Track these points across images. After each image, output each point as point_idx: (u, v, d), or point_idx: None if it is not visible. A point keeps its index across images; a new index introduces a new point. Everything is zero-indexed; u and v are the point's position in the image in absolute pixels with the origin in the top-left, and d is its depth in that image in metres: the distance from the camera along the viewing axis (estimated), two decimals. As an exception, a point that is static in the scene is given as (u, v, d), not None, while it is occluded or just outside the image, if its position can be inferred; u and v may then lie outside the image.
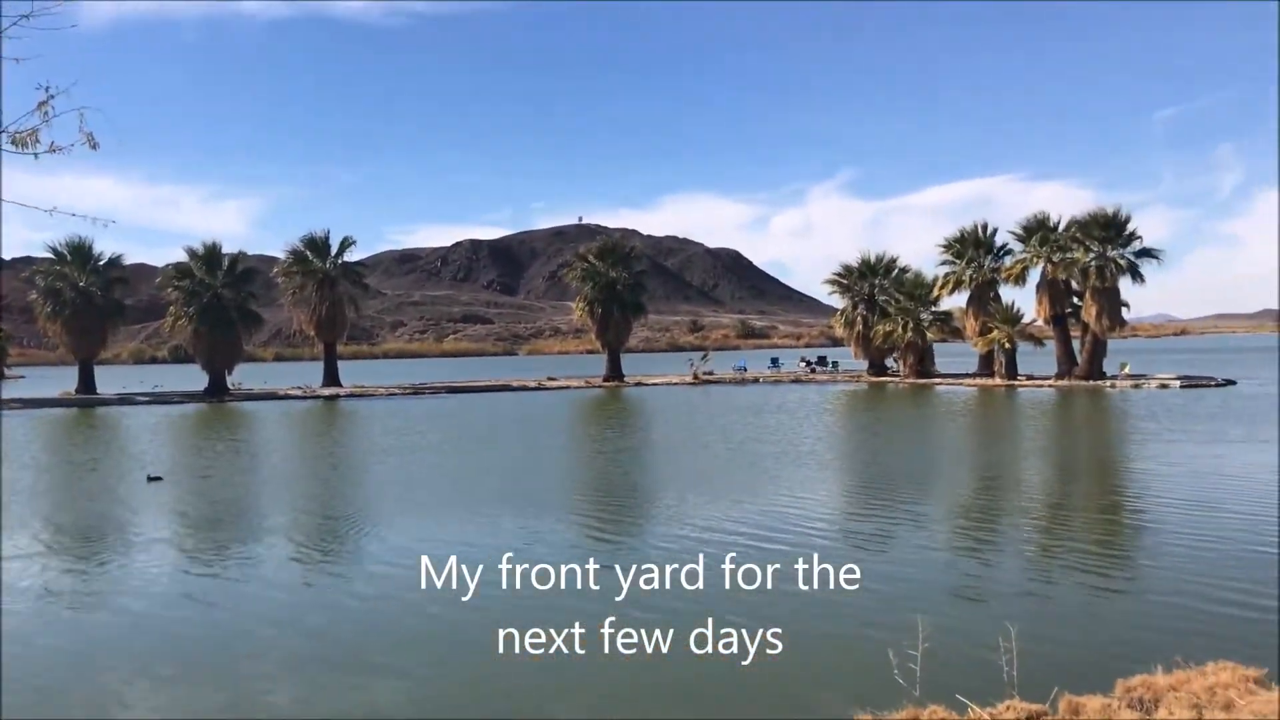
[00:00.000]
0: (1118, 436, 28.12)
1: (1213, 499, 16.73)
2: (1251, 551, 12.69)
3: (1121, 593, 11.11)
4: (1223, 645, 8.35)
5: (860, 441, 28.39)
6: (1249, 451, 22.95)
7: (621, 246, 64.54)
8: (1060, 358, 52.76)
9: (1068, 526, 15.22)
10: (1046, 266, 52.18)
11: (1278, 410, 33.17)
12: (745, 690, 8.28)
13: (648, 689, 8.46)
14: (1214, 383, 48.44)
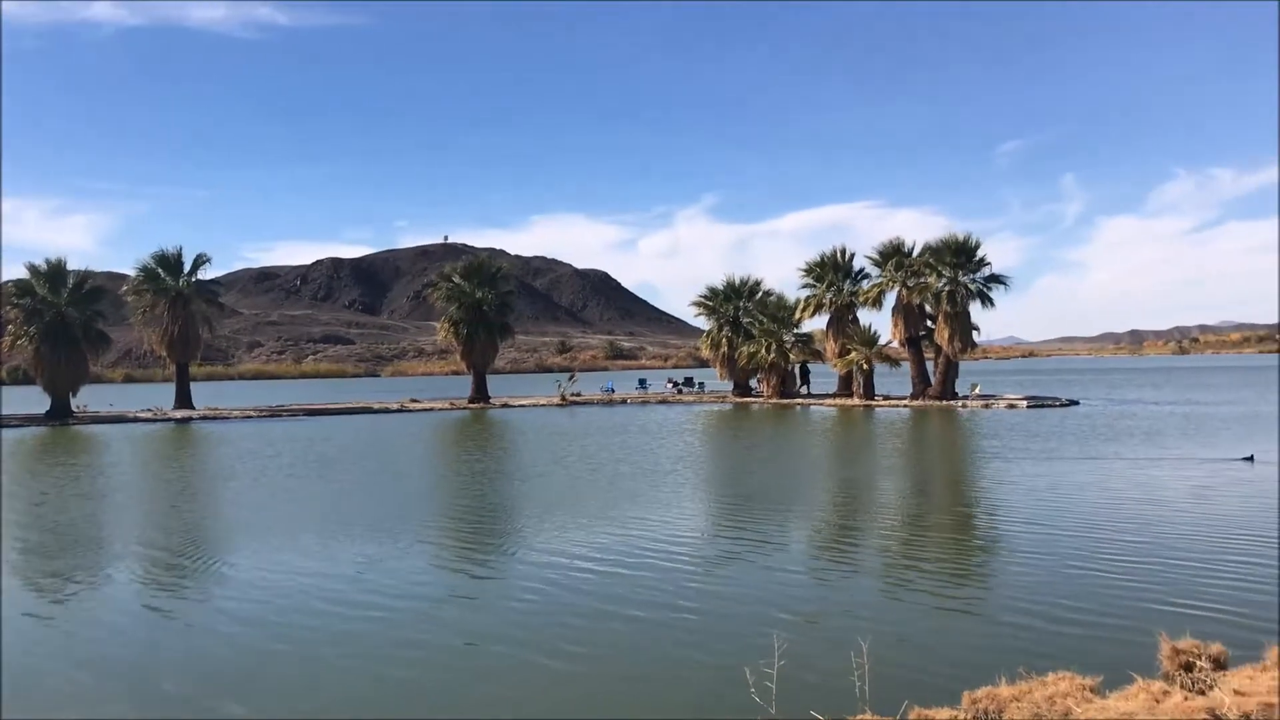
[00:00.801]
0: (967, 455, 29.11)
1: (1051, 516, 17.44)
2: (1085, 567, 13.22)
3: (969, 608, 11.43)
4: (1063, 656, 8.65)
5: (722, 461, 28.69)
6: (1083, 469, 24.04)
7: (488, 266, 64.04)
8: (915, 378, 54.52)
9: (920, 544, 15.61)
10: (902, 291, 53.95)
11: (1116, 427, 35.01)
12: (605, 713, 8.19)
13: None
14: (1058, 403, 50.78)
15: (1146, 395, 58.60)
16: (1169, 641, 8.17)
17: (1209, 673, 7.67)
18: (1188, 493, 19.79)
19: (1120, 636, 9.66)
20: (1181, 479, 21.77)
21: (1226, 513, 17.26)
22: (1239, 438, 30.31)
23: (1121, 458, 25.98)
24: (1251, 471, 22.57)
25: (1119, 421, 38.52)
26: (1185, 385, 71.47)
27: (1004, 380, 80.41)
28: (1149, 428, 35.17)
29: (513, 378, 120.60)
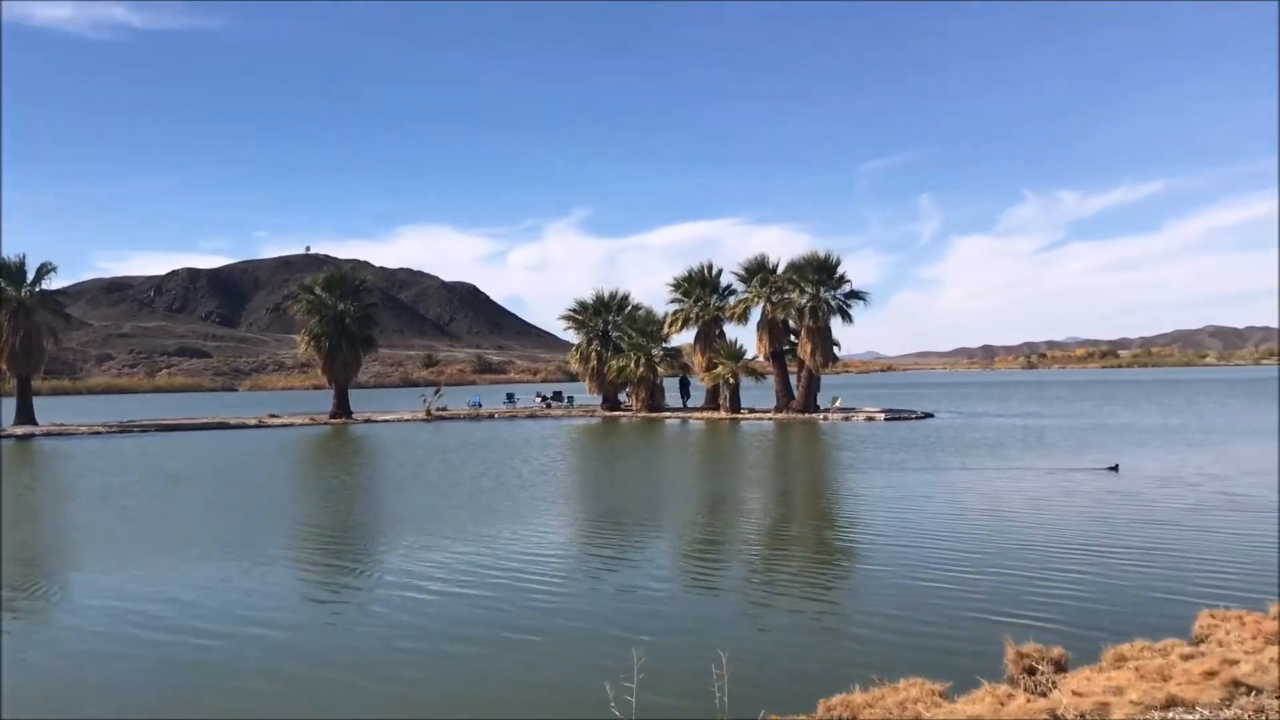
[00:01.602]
0: (827, 466, 29.81)
1: (906, 526, 17.98)
2: (937, 576, 13.66)
3: (827, 619, 11.67)
4: (915, 663, 8.90)
5: (586, 475, 28.68)
6: (936, 480, 24.87)
7: (351, 278, 62.66)
8: (779, 392, 55.64)
9: (779, 556, 15.88)
10: (766, 306, 55.09)
11: (963, 439, 36.38)
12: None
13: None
14: (914, 415, 52.42)
15: (994, 409, 61.10)
16: (1013, 646, 8.50)
17: (1050, 675, 8.01)
18: (1031, 502, 20.62)
19: (969, 643, 9.97)
20: (1034, 489, 22.69)
21: (1069, 522, 18.04)
22: (1074, 449, 31.89)
23: (979, 468, 26.96)
24: (1103, 481, 23.66)
25: (967, 434, 40.02)
26: (1030, 399, 74.79)
27: (864, 394, 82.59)
28: (994, 439, 36.62)
29: (377, 392, 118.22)
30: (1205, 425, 42.14)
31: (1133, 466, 26.09)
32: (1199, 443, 33.56)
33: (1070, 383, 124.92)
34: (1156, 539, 15.85)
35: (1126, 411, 54.41)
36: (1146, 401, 66.12)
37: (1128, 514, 18.47)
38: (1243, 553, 14.62)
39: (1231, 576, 12.92)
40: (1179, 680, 7.43)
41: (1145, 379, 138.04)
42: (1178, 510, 18.79)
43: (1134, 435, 37.31)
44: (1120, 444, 33.26)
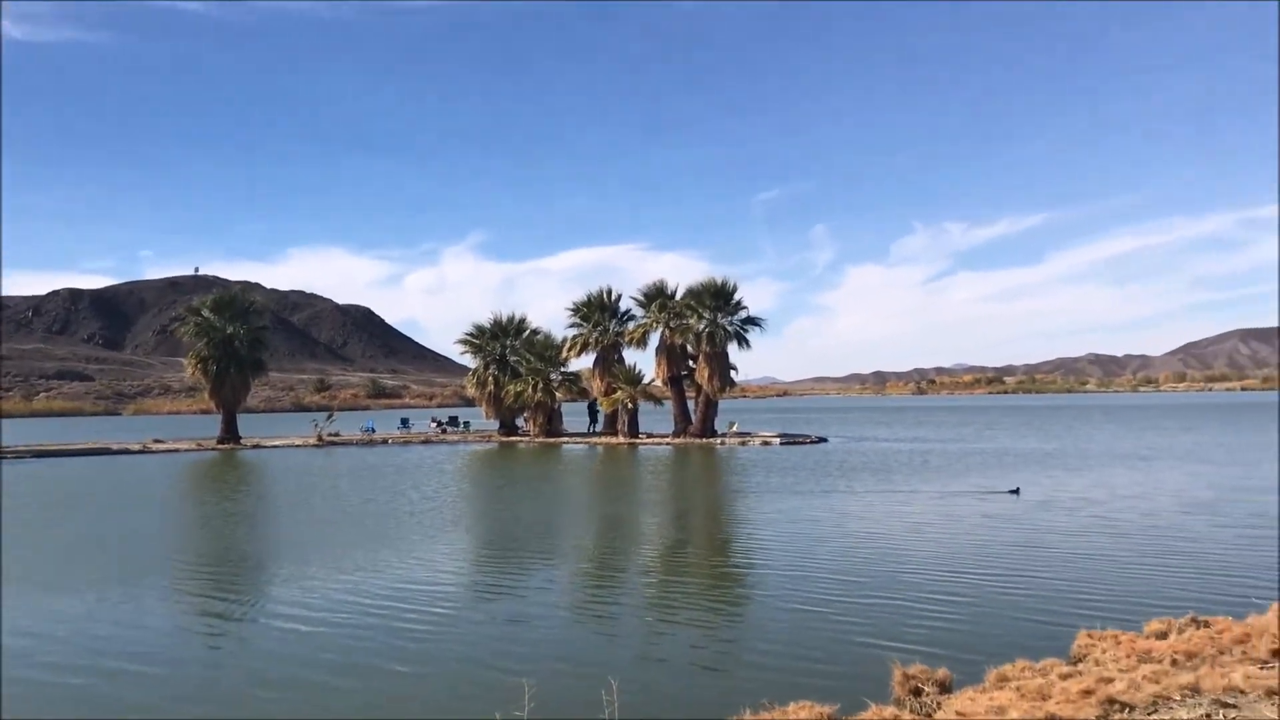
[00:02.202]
0: (723, 491, 30.00)
1: (800, 549, 18.23)
2: (830, 599, 13.87)
3: (719, 644, 11.72)
4: (806, 687, 8.98)
5: (480, 501, 28.35)
6: (830, 503, 25.27)
7: (241, 300, 61.07)
8: (677, 416, 55.95)
9: (673, 582, 15.92)
10: (665, 331, 55.38)
11: (853, 463, 37.06)
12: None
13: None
14: (809, 440, 53.27)
15: (884, 433, 62.39)
16: (900, 668, 8.66)
17: (935, 696, 8.18)
18: (917, 526, 21.09)
19: (858, 666, 10.10)
20: (921, 513, 23.19)
21: (953, 545, 18.49)
22: (957, 474, 32.78)
23: (879, 491, 27.46)
24: (986, 505, 24.30)
25: (855, 458, 40.85)
26: (917, 424, 76.63)
27: (760, 418, 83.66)
28: (880, 464, 37.41)
29: (267, 417, 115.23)
30: (1080, 450, 43.73)
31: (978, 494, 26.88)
32: (1075, 467, 34.76)
33: (957, 408, 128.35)
34: (1037, 561, 16.33)
35: (1007, 437, 56.16)
36: (1026, 427, 68.37)
37: (1008, 537, 19.01)
38: (1118, 574, 15.15)
39: (1108, 597, 13.37)
40: (1058, 699, 7.65)
41: (1028, 405, 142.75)
42: (1056, 533, 19.40)
43: (1012, 460, 38.50)
44: (999, 468, 34.29)
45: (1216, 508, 22.69)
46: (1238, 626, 10.00)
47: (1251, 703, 7.63)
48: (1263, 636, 9.51)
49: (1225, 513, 21.83)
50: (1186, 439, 51.12)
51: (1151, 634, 9.92)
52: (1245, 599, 12.31)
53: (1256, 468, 33.09)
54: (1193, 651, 9.09)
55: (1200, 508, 22.76)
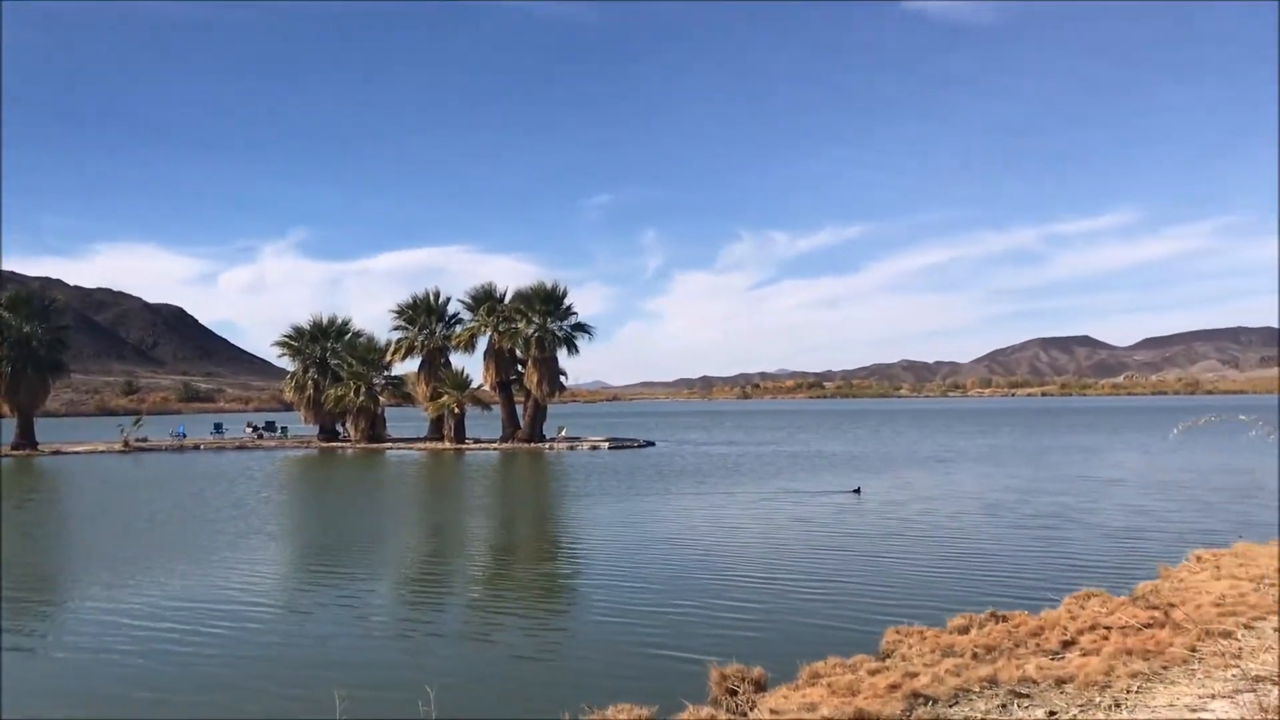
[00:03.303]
0: (550, 495, 29.96)
1: (623, 553, 18.36)
2: (653, 603, 13.99)
3: (542, 649, 11.66)
4: (627, 690, 8.99)
5: (300, 509, 27.44)
6: (655, 506, 25.55)
7: (39, 297, 57.41)
8: (505, 421, 55.56)
9: (497, 587, 15.77)
10: (494, 336, 54.91)
11: (675, 466, 37.65)
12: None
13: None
14: (637, 444, 53.79)
15: (705, 437, 63.75)
16: (717, 669, 8.77)
17: (750, 695, 8.31)
18: (736, 530, 21.55)
19: (678, 667, 10.20)
20: (741, 516, 23.68)
21: (770, 546, 18.96)
22: (768, 475, 33.73)
23: (693, 494, 27.88)
24: (799, 508, 24.99)
25: (676, 461, 41.68)
26: (737, 428, 78.59)
27: (590, 423, 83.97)
28: (700, 468, 38.21)
29: (69, 421, 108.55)
30: (885, 453, 45.69)
31: (822, 493, 27.81)
32: (878, 469, 36.28)
33: (777, 413, 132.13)
34: (848, 562, 16.87)
35: (820, 440, 58.20)
36: (837, 431, 71.05)
37: (821, 540, 19.55)
38: (924, 572, 15.82)
39: (915, 595, 13.91)
40: (866, 694, 7.90)
41: (844, 409, 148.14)
42: (865, 534, 20.10)
43: (822, 462, 39.92)
44: (808, 471, 35.44)
45: (1011, 508, 23.98)
46: (1033, 620, 10.56)
47: (1043, 691, 8.06)
48: (1054, 629, 10.08)
49: (1020, 512, 23.09)
50: (983, 443, 54.08)
51: (954, 629, 10.36)
52: (1040, 594, 13.03)
53: (1047, 470, 35.23)
54: (992, 645, 9.54)
55: (996, 508, 24.00)
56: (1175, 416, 5.95)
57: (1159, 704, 7.57)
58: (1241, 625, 9.99)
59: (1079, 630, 9.94)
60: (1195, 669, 8.52)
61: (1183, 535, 18.49)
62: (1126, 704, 7.62)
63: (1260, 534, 16.39)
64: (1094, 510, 23.19)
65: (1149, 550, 16.91)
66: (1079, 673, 8.34)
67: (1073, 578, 14.28)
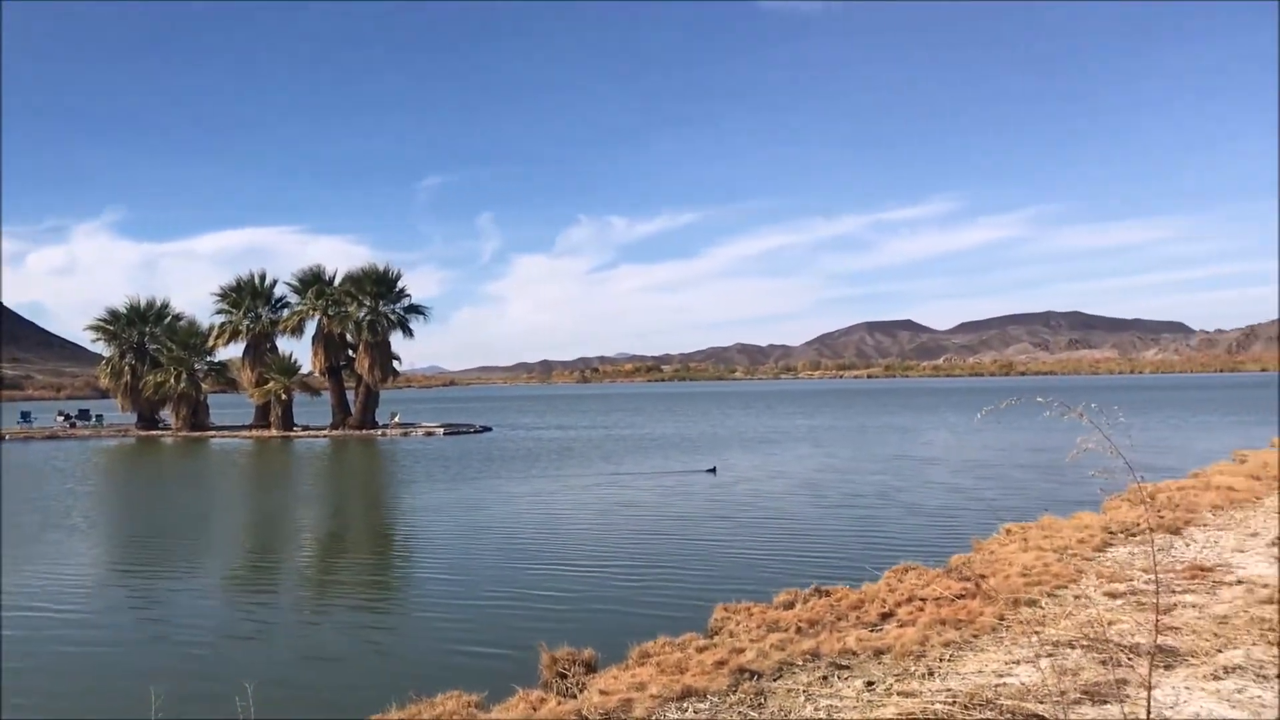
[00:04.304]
0: (381, 483, 29.39)
1: (454, 540, 18.19)
2: (483, 589, 13.89)
3: (369, 640, 11.41)
4: (457, 677, 8.88)
5: (112, 501, 26.11)
6: (491, 492, 25.38)
7: None
8: (335, 408, 54.18)
9: (328, 577, 15.39)
10: (323, 319, 53.39)
11: (511, 451, 37.50)
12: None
13: None
14: (473, 429, 53.26)
15: (540, 421, 63.78)
16: (547, 652, 8.77)
17: (581, 677, 8.34)
18: (569, 513, 21.62)
19: (511, 652, 10.13)
20: (574, 500, 23.75)
21: (600, 529, 19.10)
22: (601, 458, 34.02)
23: (527, 479, 27.80)
24: (626, 492, 25.22)
25: (512, 446, 41.55)
26: (574, 412, 78.91)
27: (425, 408, 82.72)
28: (534, 452, 38.25)
29: None
30: (713, 435, 46.69)
31: (653, 476, 28.21)
32: (706, 450, 37.04)
33: (615, 396, 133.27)
34: (680, 543, 17.10)
35: (652, 423, 59.01)
36: (670, 414, 72.16)
37: (651, 522, 19.79)
38: (753, 550, 16.20)
39: (744, 572, 14.24)
40: (694, 672, 8.02)
41: (680, 392, 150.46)
42: (696, 515, 20.45)
43: (653, 445, 40.47)
44: (641, 454, 35.89)
45: (833, 487, 24.81)
46: (854, 594, 10.93)
47: (862, 662, 8.36)
48: (874, 602, 10.47)
49: (841, 491, 23.91)
50: (806, 424, 55.90)
51: (781, 604, 10.64)
52: (862, 569, 13.50)
53: (865, 449, 36.63)
54: (815, 619, 9.84)
55: (819, 487, 24.80)
56: (987, 397, 6.34)
57: (968, 670, 7.94)
58: (1045, 594, 10.57)
59: (897, 602, 10.34)
60: (1003, 636, 8.98)
61: (993, 510, 19.48)
62: (939, 672, 7.97)
63: (1062, 509, 17.38)
64: (911, 488, 24.22)
65: (963, 525, 17.73)
66: (896, 643, 8.68)
67: (893, 552, 14.86)
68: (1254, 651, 7.99)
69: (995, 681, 7.55)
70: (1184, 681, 7.35)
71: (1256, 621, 8.85)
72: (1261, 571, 11.32)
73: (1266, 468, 21.67)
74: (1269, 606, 9.42)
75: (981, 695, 7.10)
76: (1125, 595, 10.34)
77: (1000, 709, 6.81)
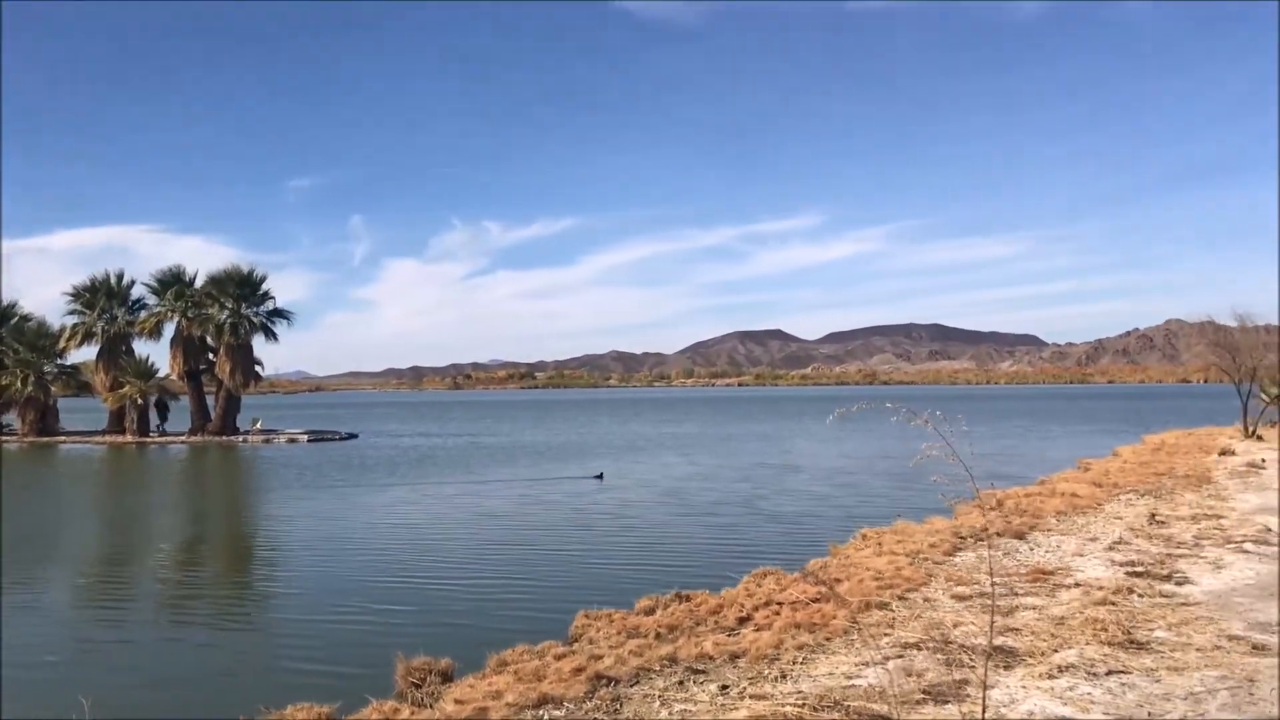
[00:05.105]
0: (240, 491, 28.60)
1: (309, 550, 17.79)
2: (340, 598, 13.62)
3: (220, 652, 11.07)
4: (313, 688, 8.66)
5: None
6: (353, 500, 24.91)
7: None
8: (194, 413, 52.40)
9: (177, 589, 14.90)
10: (182, 322, 51.65)
11: (371, 459, 36.88)
12: None
13: None
14: (338, 436, 52.16)
15: (407, 429, 63.00)
16: (403, 662, 8.65)
17: (437, 686, 8.26)
18: (428, 523, 21.36)
19: (369, 663, 9.93)
20: (434, 511, 23.46)
21: (461, 538, 18.97)
22: (459, 468, 33.81)
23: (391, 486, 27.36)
24: (487, 501, 25.05)
25: (377, 453, 40.97)
26: (443, 419, 78.08)
27: (290, 414, 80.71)
28: (397, 460, 37.76)
29: None
30: (580, 444, 46.82)
31: (513, 484, 28.12)
32: (571, 458, 37.14)
33: (486, 403, 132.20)
34: (542, 552, 17.08)
35: (521, 431, 58.95)
36: (540, 421, 72.09)
37: (513, 530, 19.67)
38: (618, 557, 16.31)
39: (608, 580, 14.30)
40: (551, 679, 8.02)
41: (553, 399, 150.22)
42: (557, 524, 20.44)
43: (519, 453, 40.33)
44: (505, 463, 35.71)
45: (697, 494, 25.14)
46: (713, 599, 11.09)
47: (718, 667, 8.49)
48: (733, 607, 10.64)
49: (705, 498, 24.23)
50: (673, 431, 56.69)
51: (641, 610, 10.71)
52: (723, 575, 13.69)
53: (729, 457, 37.23)
54: (674, 624, 9.95)
55: (683, 494, 25.09)
56: (848, 405, 6.52)
57: (820, 673, 8.15)
58: (896, 597, 10.91)
59: (755, 607, 10.53)
60: (854, 639, 9.22)
61: (851, 515, 19.99)
62: (792, 674, 8.15)
63: (917, 514, 17.94)
64: (772, 495, 24.69)
65: (822, 530, 18.16)
66: (751, 647, 8.84)
67: (753, 558, 15.09)
68: (1087, 651, 8.39)
69: (844, 683, 7.76)
70: (1020, 680, 7.68)
71: (1091, 622, 9.29)
72: (1098, 574, 11.90)
73: (1108, 475, 22.78)
74: (1102, 608, 9.91)
75: (830, 697, 7.29)
76: (971, 598, 10.74)
77: (848, 710, 7.01)
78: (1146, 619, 9.54)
